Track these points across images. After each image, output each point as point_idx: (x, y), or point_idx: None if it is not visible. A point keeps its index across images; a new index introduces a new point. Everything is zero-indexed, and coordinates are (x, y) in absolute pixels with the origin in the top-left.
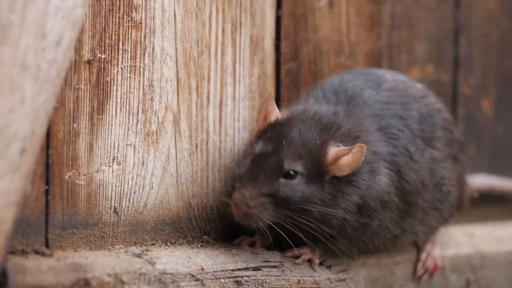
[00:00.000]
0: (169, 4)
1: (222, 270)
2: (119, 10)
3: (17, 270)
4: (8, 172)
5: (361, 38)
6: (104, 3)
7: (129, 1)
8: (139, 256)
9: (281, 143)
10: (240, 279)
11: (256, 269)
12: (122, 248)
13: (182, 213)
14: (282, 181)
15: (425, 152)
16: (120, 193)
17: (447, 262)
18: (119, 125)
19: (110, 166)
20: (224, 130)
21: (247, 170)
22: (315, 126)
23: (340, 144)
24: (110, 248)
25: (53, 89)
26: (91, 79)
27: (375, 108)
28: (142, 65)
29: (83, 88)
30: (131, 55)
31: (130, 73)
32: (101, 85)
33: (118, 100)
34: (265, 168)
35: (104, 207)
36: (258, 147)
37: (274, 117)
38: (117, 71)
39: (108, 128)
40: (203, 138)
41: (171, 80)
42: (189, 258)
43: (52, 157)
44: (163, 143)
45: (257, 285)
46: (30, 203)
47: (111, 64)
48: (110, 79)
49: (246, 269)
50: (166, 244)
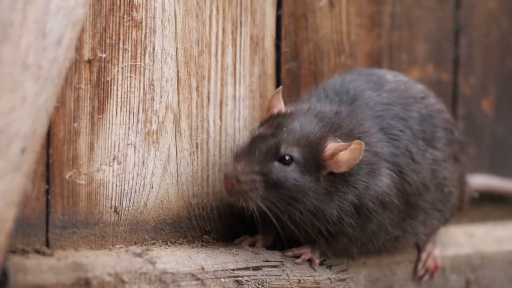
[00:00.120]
0: (170, 4)
1: (223, 270)
2: (120, 10)
3: (18, 270)
4: (9, 172)
5: (362, 38)
6: (105, 3)
7: (130, 1)
8: (140, 256)
9: (281, 130)
10: (241, 279)
11: (257, 269)
12: (123, 248)
13: (183, 213)
14: (276, 164)
15: (426, 153)
16: (121, 193)
17: (447, 262)
18: (120, 125)
19: (111, 166)
20: (225, 130)
21: (244, 149)
22: (317, 122)
23: (340, 140)
24: (111, 248)
25: (54, 89)
26: (92, 79)
27: (376, 109)
28: (143, 65)
29: (84, 88)
30: (132, 55)
31: (131, 73)
32: (102, 85)
33: (119, 100)
34: (262, 149)
35: (105, 207)
36: (258, 131)
37: (278, 110)
38: (118, 71)
39: (109, 128)
40: (204, 138)
41: (172, 80)
42: (190, 258)
43: (53, 157)
44: (164, 143)
45: (258, 285)
46: (31, 203)
47: (112, 64)
48: (111, 79)
49: (247, 269)
50: (167, 244)
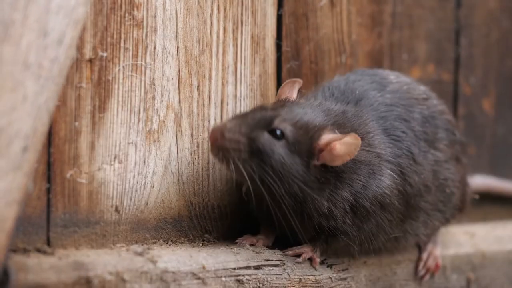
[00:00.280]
0: (171, 3)
1: (224, 269)
2: (121, 9)
3: (19, 269)
4: (10, 171)
5: (362, 37)
6: (106, 2)
7: (131, 0)
8: (141, 255)
9: (283, 108)
10: (242, 278)
11: (257, 268)
12: (124, 247)
13: (183, 212)
14: (266, 135)
15: (428, 154)
16: (122, 192)
17: (448, 262)
18: (121, 124)
19: (112, 165)
20: None
21: (241, 113)
22: (322, 115)
23: (337, 132)
24: (112, 247)
25: (55, 88)
26: (93, 78)
27: (380, 110)
28: (144, 64)
29: (85, 87)
30: (133, 54)
31: (132, 72)
32: (103, 84)
33: (120, 99)
34: (256, 117)
35: (106, 206)
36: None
37: (287, 97)
38: (119, 70)
39: (110, 127)
40: (205, 137)
41: (173, 79)
42: (191, 257)
43: (54, 156)
44: (165, 142)
45: (258, 284)
46: (32, 202)
47: (113, 63)
48: (112, 78)
49: (248, 268)
50: (168, 243)
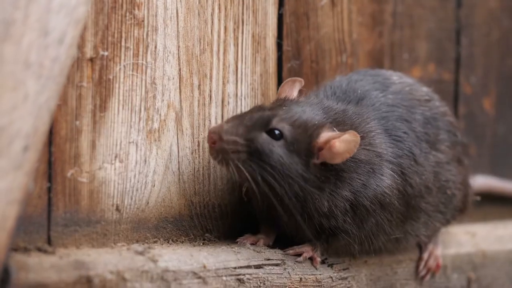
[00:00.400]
0: (172, 2)
1: (224, 268)
2: (122, 8)
3: (20, 268)
4: (11, 170)
5: (363, 37)
6: (107, 1)
7: None
8: (142, 254)
9: (281, 108)
10: (242, 277)
11: (258, 267)
12: (125, 246)
13: (184, 211)
14: (264, 135)
15: (430, 155)
16: (122, 191)
17: (449, 261)
18: (122, 123)
19: (113, 164)
20: None
21: (238, 114)
22: (321, 113)
23: (336, 130)
24: (113, 246)
25: (56, 87)
26: (94, 77)
27: (382, 110)
28: (145, 63)
29: (86, 86)
30: (134, 53)
31: (133, 71)
32: (104, 83)
33: (121, 98)
34: (253, 117)
35: (106, 205)
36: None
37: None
38: (120, 69)
39: (111, 126)
40: (205, 136)
41: (173, 78)
42: (191, 256)
43: (55, 155)
44: (165, 141)
45: (259, 283)
46: (33, 201)
47: (114, 62)
48: (113, 77)
49: (248, 267)
50: (168, 242)
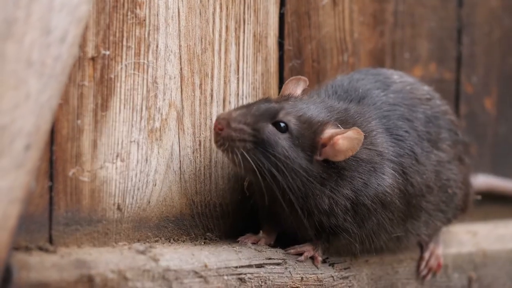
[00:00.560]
0: (173, 1)
1: (226, 267)
2: (123, 7)
3: (21, 267)
4: (13, 169)
5: (364, 36)
6: (108, 0)
7: None
8: (143, 253)
9: (287, 103)
10: (243, 276)
11: (259, 266)
12: (126, 245)
13: (185, 210)
14: (270, 127)
15: (431, 154)
16: (124, 190)
17: (450, 261)
18: (123, 122)
19: (114, 163)
20: None
21: (246, 104)
22: (324, 111)
23: (340, 126)
24: (114, 245)
25: (58, 86)
26: (95, 76)
27: (383, 109)
28: (146, 62)
29: (87, 85)
30: (135, 52)
31: (134, 70)
32: (105, 82)
33: (122, 97)
34: (261, 108)
35: (108, 204)
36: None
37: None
38: (121, 68)
39: (112, 125)
40: (207, 135)
41: (175, 77)
42: (193, 255)
43: (56, 154)
44: (167, 140)
45: (260, 282)
46: (34, 200)
47: (115, 61)
48: (114, 76)
49: (249, 266)
50: (170, 241)
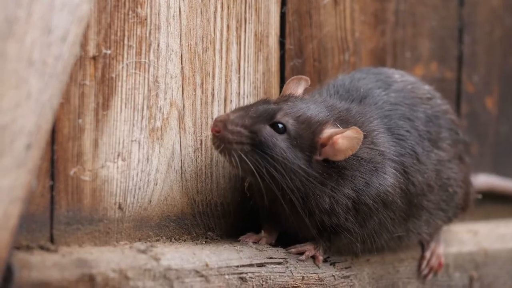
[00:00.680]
0: (174, 1)
1: (227, 266)
2: (125, 6)
3: (22, 266)
4: (14, 168)
5: (366, 35)
6: None
7: None
8: (144, 252)
9: (286, 103)
10: (245, 276)
11: (261, 266)
12: (127, 244)
13: (187, 210)
14: (268, 128)
15: (432, 154)
16: (125, 189)
17: (451, 260)
18: (124, 121)
19: (115, 162)
20: None
21: (244, 106)
22: (325, 111)
23: (339, 126)
24: (115, 244)
25: (59, 85)
26: (96, 75)
27: (384, 109)
28: (147, 61)
29: (88, 84)
30: (136, 51)
31: (135, 69)
32: (106, 81)
33: (123, 96)
34: (259, 110)
35: (109, 203)
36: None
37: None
38: (122, 67)
39: (113, 124)
40: (208, 135)
41: (176, 77)
42: (194, 254)
43: (57, 153)
44: (168, 139)
45: (262, 282)
46: (35, 199)
47: (116, 60)
48: (115, 75)
49: (251, 266)
50: (171, 240)
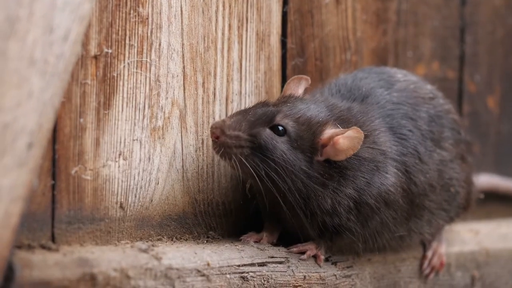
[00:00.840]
0: (176, 0)
1: (228, 266)
2: (126, 5)
3: (24, 265)
4: (15, 167)
5: (367, 35)
6: None
7: None
8: (145, 251)
9: (285, 104)
10: (246, 275)
11: (262, 265)
12: (128, 243)
13: (188, 209)
14: (267, 131)
15: (434, 153)
16: (126, 188)
17: (453, 259)
18: (126, 120)
19: (117, 161)
20: None
21: (242, 109)
22: (325, 111)
23: (339, 126)
24: (116, 243)
25: (60, 84)
26: (98, 74)
27: (387, 108)
28: (149, 61)
29: (90, 83)
30: (138, 50)
31: (137, 68)
32: (108, 80)
33: (125, 95)
34: (257, 113)
35: (110, 202)
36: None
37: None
38: (124, 66)
39: (115, 123)
40: (209, 134)
41: (178, 76)
42: (195, 254)
43: (59, 152)
44: (169, 139)
45: (263, 281)
46: (37, 198)
47: (118, 59)
48: (117, 74)
49: (252, 265)
50: (172, 240)
